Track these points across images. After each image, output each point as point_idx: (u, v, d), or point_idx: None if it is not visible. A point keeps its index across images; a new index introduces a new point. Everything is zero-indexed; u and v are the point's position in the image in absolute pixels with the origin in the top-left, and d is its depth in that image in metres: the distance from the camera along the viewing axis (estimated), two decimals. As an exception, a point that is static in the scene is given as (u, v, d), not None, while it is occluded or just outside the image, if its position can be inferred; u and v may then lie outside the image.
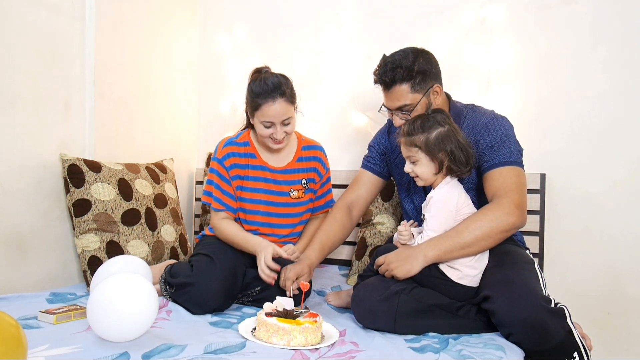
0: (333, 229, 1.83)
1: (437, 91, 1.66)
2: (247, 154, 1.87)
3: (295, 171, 1.92)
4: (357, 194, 1.90)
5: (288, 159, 1.92)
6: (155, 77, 2.48)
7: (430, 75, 1.64)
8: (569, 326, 1.36)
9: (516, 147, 1.62)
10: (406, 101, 1.63)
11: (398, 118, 1.67)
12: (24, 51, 1.83)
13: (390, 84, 1.64)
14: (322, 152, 1.99)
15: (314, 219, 2.01)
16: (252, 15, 2.65)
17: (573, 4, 2.06)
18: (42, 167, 1.91)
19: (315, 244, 1.78)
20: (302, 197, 1.92)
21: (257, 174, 1.87)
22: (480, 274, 1.54)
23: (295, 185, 1.91)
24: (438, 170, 1.54)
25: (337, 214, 1.86)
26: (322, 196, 2.00)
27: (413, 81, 1.62)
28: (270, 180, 1.88)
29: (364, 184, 1.91)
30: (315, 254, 1.75)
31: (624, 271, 1.97)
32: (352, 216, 1.88)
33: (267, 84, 1.73)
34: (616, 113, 1.99)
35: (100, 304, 1.26)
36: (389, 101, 1.68)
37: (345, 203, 1.88)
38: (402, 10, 2.34)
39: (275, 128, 1.76)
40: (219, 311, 1.65)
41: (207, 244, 1.86)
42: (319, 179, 1.97)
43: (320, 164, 1.97)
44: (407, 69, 1.60)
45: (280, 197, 1.89)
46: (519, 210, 1.52)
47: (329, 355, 1.29)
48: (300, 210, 1.92)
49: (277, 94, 1.72)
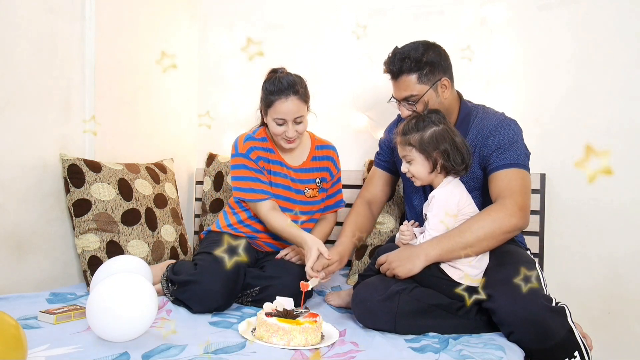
0: (359, 218, 1.84)
1: (445, 84, 1.66)
2: (267, 149, 1.90)
3: (310, 170, 1.94)
4: (373, 192, 1.91)
5: (303, 158, 1.95)
6: (155, 77, 2.48)
7: (439, 68, 1.65)
8: (569, 325, 1.36)
9: (523, 151, 1.63)
10: (413, 92, 1.64)
11: (405, 109, 1.69)
12: (23, 51, 1.83)
13: (398, 74, 1.65)
14: (335, 152, 2.02)
15: (322, 219, 2.02)
16: (252, 15, 2.65)
17: (573, 4, 2.06)
18: (42, 167, 1.91)
19: (347, 231, 1.78)
20: (316, 196, 1.95)
21: (277, 169, 1.90)
22: (481, 274, 1.54)
23: (310, 184, 1.94)
24: (432, 169, 1.55)
25: (359, 208, 1.87)
26: (332, 196, 2.02)
27: (420, 72, 1.63)
28: (288, 177, 1.91)
29: (377, 182, 1.92)
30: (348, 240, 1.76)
31: (624, 271, 1.97)
32: (372, 210, 1.90)
33: (281, 82, 1.77)
34: (616, 113, 1.99)
35: (100, 304, 1.26)
36: (397, 91, 1.69)
37: (364, 199, 1.90)
38: (402, 10, 2.34)
39: (288, 126, 1.78)
40: (220, 310, 1.65)
41: (212, 242, 1.86)
42: (330, 178, 1.99)
43: (332, 163, 2.00)
44: (415, 60, 1.62)
45: (297, 195, 1.91)
46: (522, 212, 1.52)
47: (329, 355, 1.29)
48: (313, 208, 1.95)
49: (291, 92, 1.76)
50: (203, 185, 2.55)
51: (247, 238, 1.94)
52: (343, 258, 1.71)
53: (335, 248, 1.72)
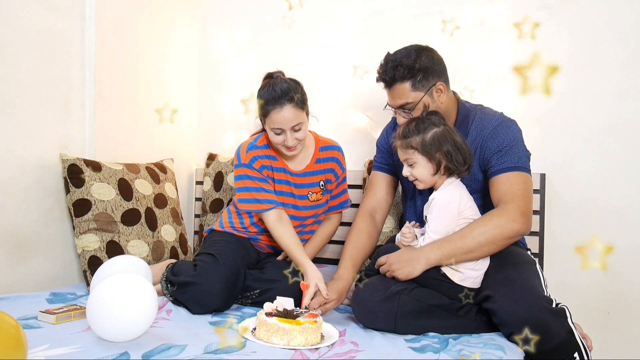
0: (360, 240, 1.74)
1: (440, 89, 1.63)
2: (270, 157, 1.85)
3: (313, 173, 1.90)
4: (376, 198, 1.84)
5: (306, 162, 1.90)
6: (155, 77, 2.48)
7: (433, 73, 1.61)
8: (569, 326, 1.36)
9: (524, 152, 1.61)
10: (408, 99, 1.62)
11: (401, 116, 1.67)
12: (23, 51, 1.83)
13: (391, 83, 1.62)
14: (340, 152, 1.97)
15: (326, 220, 2.00)
16: (252, 15, 2.65)
17: (573, 4, 2.06)
18: (42, 167, 1.91)
19: (346, 260, 1.69)
20: (320, 199, 1.92)
21: (280, 176, 1.86)
22: (481, 276, 1.53)
23: (313, 187, 1.90)
24: (436, 170, 1.53)
25: (360, 224, 1.78)
26: (337, 196, 1.99)
27: (414, 79, 1.60)
28: (291, 183, 1.88)
29: (380, 186, 1.85)
30: (348, 273, 1.67)
31: (624, 271, 1.97)
32: (376, 222, 1.81)
33: (274, 91, 1.70)
34: (616, 113, 1.99)
35: (100, 304, 1.26)
36: (391, 99, 1.67)
37: (366, 210, 1.81)
38: (402, 10, 2.34)
39: (286, 135, 1.72)
40: (219, 311, 1.65)
41: (214, 242, 1.86)
42: (335, 179, 1.96)
43: (337, 164, 1.95)
44: (408, 67, 1.59)
45: (300, 200, 1.89)
46: (525, 217, 1.51)
47: (329, 355, 1.29)
48: (318, 212, 1.94)
49: (285, 100, 1.69)
50: (203, 185, 2.55)
51: (249, 239, 1.94)
52: (341, 295, 1.62)
53: (334, 284, 1.62)
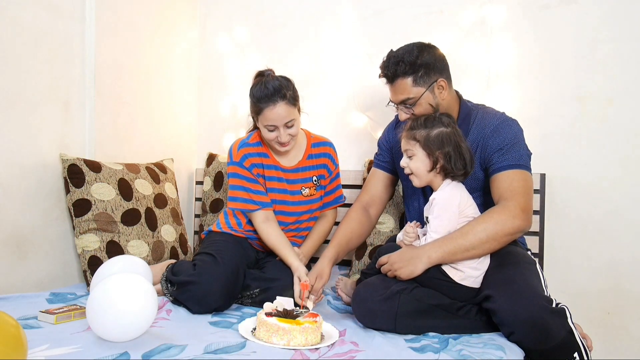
0: (350, 225, 1.80)
1: (442, 85, 1.64)
2: (261, 154, 1.89)
3: (305, 169, 1.94)
4: (371, 194, 1.88)
5: (298, 158, 1.94)
6: (155, 77, 2.48)
7: (434, 69, 1.63)
8: (569, 326, 1.36)
9: (525, 151, 1.62)
10: (409, 95, 1.64)
11: (403, 112, 1.68)
12: (24, 51, 1.83)
13: (393, 78, 1.65)
14: (332, 148, 2.01)
15: (322, 217, 2.02)
16: (252, 15, 2.65)
17: (573, 4, 2.06)
18: (42, 167, 1.91)
19: (331, 241, 1.76)
20: (313, 194, 1.95)
21: (272, 173, 1.90)
22: (482, 275, 1.53)
23: (306, 183, 1.94)
24: (432, 167, 1.54)
25: (352, 213, 1.83)
26: (331, 192, 2.02)
27: (415, 75, 1.62)
28: (283, 180, 1.90)
29: (377, 183, 1.89)
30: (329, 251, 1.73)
31: (623, 271, 1.97)
32: (369, 214, 1.85)
33: (267, 88, 1.74)
34: (616, 113, 1.99)
35: (100, 304, 1.26)
36: (393, 95, 1.69)
37: (360, 204, 1.85)
38: (402, 10, 2.34)
39: (279, 131, 1.77)
40: (219, 311, 1.65)
41: (212, 242, 1.87)
42: (328, 174, 1.99)
43: (329, 159, 1.99)
44: (410, 63, 1.61)
45: (293, 196, 1.91)
46: (525, 214, 1.51)
47: (329, 355, 1.29)
48: (312, 207, 1.96)
49: (278, 97, 1.73)
50: (203, 185, 2.55)
51: (247, 238, 1.94)
52: (322, 273, 1.68)
53: (315, 268, 1.71)
